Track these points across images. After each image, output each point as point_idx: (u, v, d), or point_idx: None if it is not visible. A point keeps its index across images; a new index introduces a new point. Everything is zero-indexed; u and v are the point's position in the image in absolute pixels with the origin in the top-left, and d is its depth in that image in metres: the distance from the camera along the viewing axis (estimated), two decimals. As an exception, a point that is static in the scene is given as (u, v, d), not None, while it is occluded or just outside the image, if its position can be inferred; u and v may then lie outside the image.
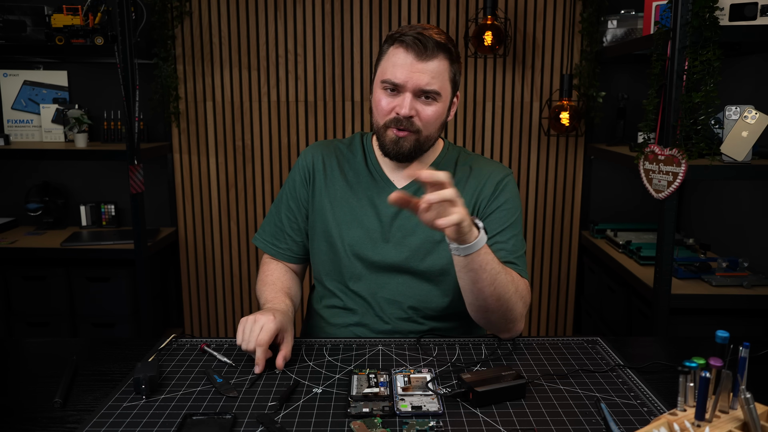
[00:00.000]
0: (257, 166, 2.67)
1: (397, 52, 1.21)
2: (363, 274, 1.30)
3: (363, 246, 1.30)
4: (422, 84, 1.19)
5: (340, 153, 1.38)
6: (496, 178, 1.32)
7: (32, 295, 2.49)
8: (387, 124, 1.23)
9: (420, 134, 1.23)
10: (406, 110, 1.20)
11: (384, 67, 1.23)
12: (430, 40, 1.18)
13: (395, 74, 1.20)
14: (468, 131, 2.63)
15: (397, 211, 1.30)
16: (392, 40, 1.23)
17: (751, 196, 2.13)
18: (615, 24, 2.35)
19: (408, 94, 1.20)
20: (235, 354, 1.15)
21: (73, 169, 2.72)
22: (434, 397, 0.97)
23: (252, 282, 2.76)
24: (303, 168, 1.37)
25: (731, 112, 1.74)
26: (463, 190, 1.31)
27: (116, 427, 0.89)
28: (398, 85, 1.20)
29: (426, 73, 1.19)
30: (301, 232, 1.38)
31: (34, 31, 2.34)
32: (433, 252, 1.28)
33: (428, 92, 1.20)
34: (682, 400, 0.78)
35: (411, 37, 1.18)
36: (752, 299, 1.84)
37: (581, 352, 1.17)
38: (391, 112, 1.23)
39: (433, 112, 1.22)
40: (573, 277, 2.75)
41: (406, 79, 1.19)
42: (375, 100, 1.25)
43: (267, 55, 2.59)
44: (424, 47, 1.18)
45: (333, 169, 1.36)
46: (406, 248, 1.29)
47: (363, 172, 1.34)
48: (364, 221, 1.30)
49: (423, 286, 1.30)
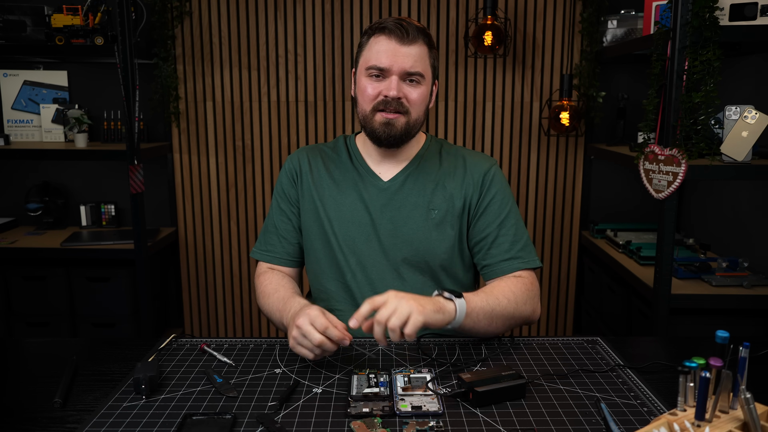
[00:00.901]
0: (257, 166, 2.67)
1: (379, 40, 1.24)
2: (358, 269, 1.31)
3: (357, 241, 1.31)
4: (407, 66, 1.23)
5: (325, 154, 1.40)
6: (482, 169, 1.34)
7: (32, 295, 2.49)
8: (375, 108, 1.25)
9: (409, 116, 1.26)
10: (395, 91, 1.23)
11: (367, 56, 1.26)
12: (411, 25, 1.23)
13: (380, 59, 1.23)
14: (468, 131, 2.63)
15: (385, 202, 1.32)
16: (372, 30, 1.26)
17: (751, 196, 2.13)
18: (615, 24, 2.35)
19: (394, 77, 1.23)
20: (235, 354, 1.15)
21: (73, 169, 2.72)
22: (434, 397, 0.97)
23: (252, 282, 2.76)
24: (290, 171, 1.39)
25: (731, 112, 1.74)
26: (451, 180, 1.33)
27: (116, 427, 0.89)
28: (384, 70, 1.23)
29: (410, 57, 1.23)
30: (295, 232, 1.38)
31: (34, 31, 2.34)
32: (425, 242, 1.30)
33: (413, 74, 1.24)
34: (682, 400, 0.78)
35: (392, 24, 1.23)
36: (752, 299, 1.84)
37: (581, 352, 1.17)
38: (378, 96, 1.25)
39: (419, 94, 1.26)
40: (573, 277, 2.75)
41: (391, 62, 1.22)
42: (360, 88, 1.28)
43: (267, 55, 2.59)
44: (405, 32, 1.22)
45: (319, 169, 1.37)
46: (399, 240, 1.30)
47: (349, 169, 1.36)
48: (355, 216, 1.32)
49: (418, 278, 1.31)
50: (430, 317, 1.04)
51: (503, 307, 1.18)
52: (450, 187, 1.33)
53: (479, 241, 1.32)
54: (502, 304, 1.18)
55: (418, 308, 1.02)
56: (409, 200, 1.32)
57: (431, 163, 1.36)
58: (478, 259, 1.34)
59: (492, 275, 1.31)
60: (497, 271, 1.30)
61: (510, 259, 1.29)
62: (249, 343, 1.20)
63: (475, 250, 1.34)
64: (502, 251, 1.29)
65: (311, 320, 1.04)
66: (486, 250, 1.31)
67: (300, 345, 1.06)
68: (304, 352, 1.06)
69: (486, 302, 1.16)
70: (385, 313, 1.01)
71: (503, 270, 1.29)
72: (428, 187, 1.32)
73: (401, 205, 1.32)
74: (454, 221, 1.32)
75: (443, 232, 1.31)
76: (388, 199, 1.32)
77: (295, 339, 1.06)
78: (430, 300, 1.07)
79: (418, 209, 1.31)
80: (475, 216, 1.32)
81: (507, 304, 1.19)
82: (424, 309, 1.03)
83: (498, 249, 1.30)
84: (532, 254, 1.31)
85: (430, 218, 1.31)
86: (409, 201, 1.32)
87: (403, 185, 1.33)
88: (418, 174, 1.34)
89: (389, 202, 1.32)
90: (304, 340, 1.04)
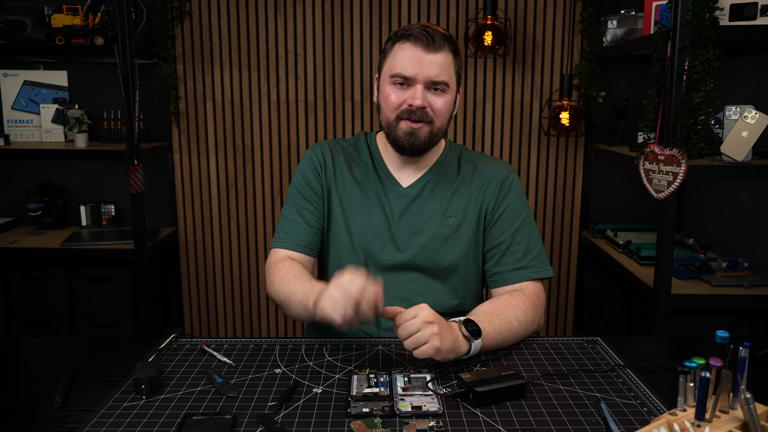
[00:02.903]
0: (257, 166, 2.67)
1: (404, 47, 1.22)
2: (372, 271, 1.29)
3: (372, 244, 1.30)
4: (432, 75, 1.20)
5: (347, 152, 1.38)
6: (500, 177, 1.33)
7: (32, 295, 2.49)
8: (400, 116, 1.24)
9: (433, 125, 1.25)
10: (420, 101, 1.21)
11: (392, 63, 1.24)
12: (437, 33, 1.21)
13: (405, 68, 1.21)
14: (468, 131, 2.63)
15: (404, 209, 1.31)
16: (397, 37, 1.24)
17: (751, 196, 2.12)
18: (615, 24, 2.35)
19: (419, 86, 1.21)
20: (235, 354, 1.15)
21: (73, 169, 2.72)
22: (434, 397, 0.97)
23: (252, 282, 2.76)
24: (313, 161, 1.35)
25: (731, 112, 1.74)
26: (468, 188, 1.33)
27: (116, 427, 0.89)
28: (409, 78, 1.21)
29: (435, 65, 1.20)
30: (321, 220, 1.34)
31: (34, 31, 2.34)
32: (441, 250, 1.30)
33: (438, 83, 1.22)
34: (682, 400, 0.78)
35: (417, 31, 1.20)
36: (752, 299, 1.84)
37: (581, 352, 1.17)
38: (402, 104, 1.23)
39: (443, 103, 1.24)
40: (573, 277, 2.75)
41: (417, 71, 1.20)
42: (384, 96, 1.25)
43: (267, 55, 2.59)
44: (432, 39, 1.20)
45: (341, 166, 1.36)
46: (414, 246, 1.30)
47: (370, 171, 1.35)
48: (372, 219, 1.31)
49: (431, 284, 1.31)
50: (441, 355, 1.03)
51: (514, 331, 1.17)
52: (467, 195, 1.32)
53: (492, 248, 1.32)
54: (513, 328, 1.17)
55: (435, 343, 1.00)
56: (426, 207, 1.31)
57: (450, 170, 1.35)
58: (489, 266, 1.33)
59: (502, 283, 1.30)
60: (508, 279, 1.29)
61: (521, 269, 1.28)
62: (249, 343, 1.20)
63: (488, 257, 1.33)
64: (515, 260, 1.29)
65: (351, 278, 1.00)
66: (498, 258, 1.31)
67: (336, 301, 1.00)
68: (338, 310, 0.99)
69: (499, 332, 1.14)
70: (406, 332, 1.01)
71: (514, 279, 1.29)
72: (446, 194, 1.32)
73: (419, 212, 1.31)
74: (469, 228, 1.31)
75: (458, 240, 1.30)
76: (407, 206, 1.31)
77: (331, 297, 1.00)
78: (451, 335, 1.05)
79: (434, 216, 1.30)
80: (490, 223, 1.32)
81: (518, 328, 1.18)
82: (441, 346, 1.01)
83: (511, 257, 1.29)
84: (545, 264, 1.30)
85: (446, 225, 1.30)
86: (427, 208, 1.31)
87: (421, 192, 1.32)
88: (437, 181, 1.33)
89: (407, 208, 1.31)
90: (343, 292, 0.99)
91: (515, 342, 1.20)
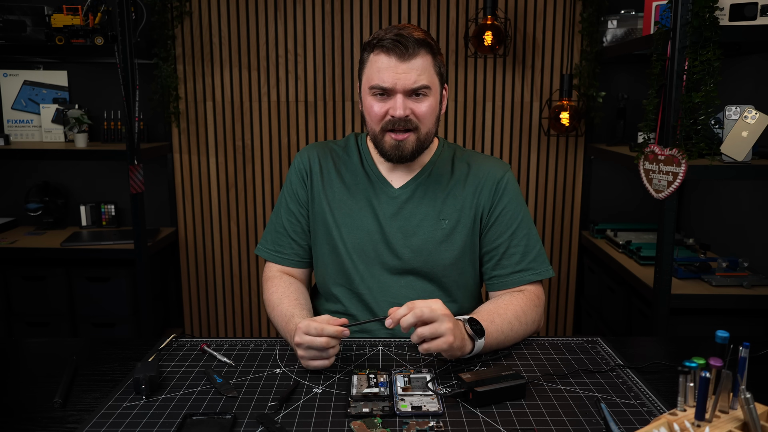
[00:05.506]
0: (257, 166, 2.67)
1: (378, 58, 1.20)
2: (366, 276, 1.30)
3: (365, 248, 1.29)
4: (410, 84, 1.19)
5: (336, 155, 1.37)
6: (495, 177, 1.31)
7: (32, 295, 2.49)
8: (384, 128, 1.23)
9: (419, 132, 1.23)
10: (401, 111, 1.19)
11: (369, 75, 1.22)
12: (410, 39, 1.18)
13: (382, 79, 1.19)
14: (468, 131, 2.63)
15: (395, 211, 1.30)
16: (371, 46, 1.22)
17: (751, 196, 2.13)
18: (615, 24, 2.35)
19: (399, 95, 1.20)
20: (235, 354, 1.15)
21: (73, 169, 2.72)
22: (434, 397, 0.97)
23: (252, 282, 2.76)
24: (300, 169, 1.36)
25: (731, 112, 1.74)
26: (462, 189, 1.31)
27: (116, 427, 0.89)
28: (387, 89, 1.20)
29: (412, 72, 1.18)
30: (304, 234, 1.36)
31: (34, 31, 2.34)
32: (435, 253, 1.28)
33: (418, 89, 1.20)
34: (682, 400, 0.78)
35: (390, 40, 1.18)
36: (752, 299, 1.84)
37: (581, 352, 1.17)
38: (385, 116, 1.22)
39: (427, 107, 1.22)
40: (573, 277, 2.75)
41: (394, 81, 1.18)
42: (367, 107, 1.24)
43: (267, 55, 2.59)
44: (405, 48, 1.17)
45: (329, 170, 1.35)
46: (408, 249, 1.28)
47: (360, 174, 1.34)
48: (364, 223, 1.30)
49: (427, 287, 1.30)
50: (450, 352, 1.04)
51: (515, 331, 1.17)
52: (461, 197, 1.30)
53: (490, 251, 1.30)
54: (514, 328, 1.17)
55: (449, 338, 1.01)
56: (419, 209, 1.29)
57: (443, 171, 1.33)
58: (487, 269, 1.32)
59: (501, 287, 1.29)
60: (507, 283, 1.28)
61: (520, 272, 1.27)
62: (249, 343, 1.20)
63: (485, 260, 1.32)
64: (513, 263, 1.28)
65: (305, 331, 1.04)
66: (497, 261, 1.30)
67: (311, 360, 1.05)
68: (318, 363, 1.05)
69: (501, 332, 1.14)
70: (424, 315, 1.01)
71: (513, 282, 1.28)
72: (439, 196, 1.30)
73: (411, 214, 1.29)
74: (464, 231, 1.29)
75: (453, 242, 1.29)
76: (398, 208, 1.30)
77: (302, 358, 1.06)
78: (461, 333, 1.05)
79: (428, 219, 1.29)
80: (487, 226, 1.30)
81: (519, 328, 1.18)
82: (453, 342, 1.02)
83: (509, 261, 1.28)
84: (544, 264, 1.29)
85: (440, 228, 1.28)
86: (420, 210, 1.29)
87: (413, 194, 1.30)
88: (429, 183, 1.31)
89: (399, 210, 1.30)
90: (310, 352, 1.04)
91: (516, 342, 1.20)
